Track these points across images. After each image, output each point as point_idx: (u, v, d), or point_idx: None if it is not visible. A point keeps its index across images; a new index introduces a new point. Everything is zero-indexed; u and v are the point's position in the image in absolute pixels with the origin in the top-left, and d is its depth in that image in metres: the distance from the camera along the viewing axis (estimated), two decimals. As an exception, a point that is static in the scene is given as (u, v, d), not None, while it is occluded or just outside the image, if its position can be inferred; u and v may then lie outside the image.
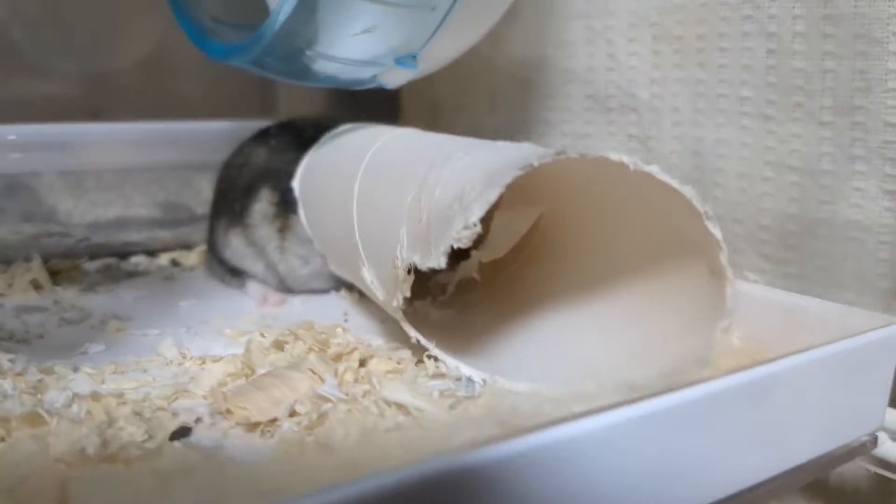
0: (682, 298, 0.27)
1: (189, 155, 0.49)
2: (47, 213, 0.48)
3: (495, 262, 0.34)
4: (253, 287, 0.41)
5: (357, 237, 0.31)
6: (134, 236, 0.49)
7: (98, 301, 0.40)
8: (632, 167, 0.24)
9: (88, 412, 0.23)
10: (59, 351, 0.32)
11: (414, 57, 0.35)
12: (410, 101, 0.59)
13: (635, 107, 0.42)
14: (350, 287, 0.39)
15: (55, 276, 0.45)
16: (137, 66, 0.63)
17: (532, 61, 0.47)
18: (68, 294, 0.42)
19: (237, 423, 0.24)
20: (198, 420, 0.24)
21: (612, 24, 0.42)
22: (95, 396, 0.24)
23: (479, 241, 0.33)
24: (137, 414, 0.23)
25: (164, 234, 0.51)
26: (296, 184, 0.37)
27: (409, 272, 0.27)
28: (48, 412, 0.22)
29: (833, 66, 0.33)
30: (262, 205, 0.39)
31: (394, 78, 0.37)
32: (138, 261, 0.49)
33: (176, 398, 0.25)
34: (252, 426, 0.23)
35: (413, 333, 0.28)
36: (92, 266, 0.47)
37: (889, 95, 0.31)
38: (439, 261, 0.24)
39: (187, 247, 0.51)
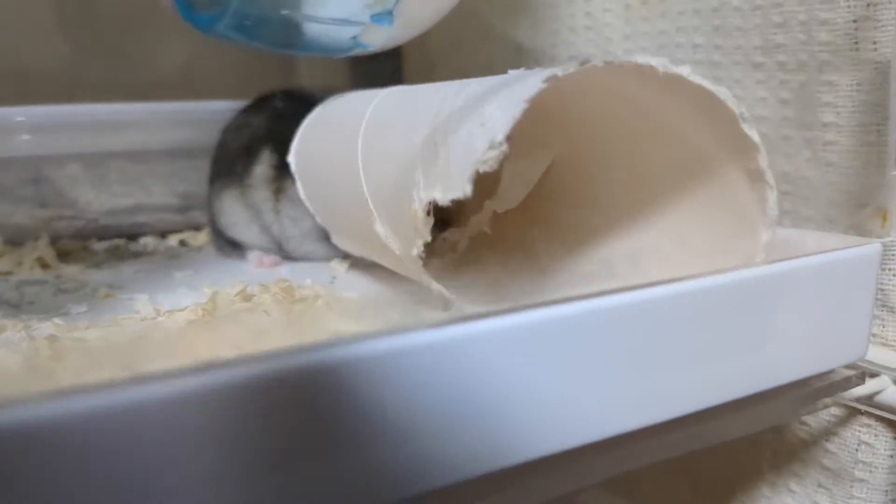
0: (722, 215, 0.26)
1: (208, 136, 0.50)
2: (68, 202, 0.50)
3: (503, 216, 0.33)
4: (252, 253, 0.41)
5: (366, 194, 0.30)
6: (144, 219, 0.51)
7: (98, 275, 0.41)
8: (661, 70, 0.22)
9: (36, 349, 0.24)
10: (45, 313, 0.33)
11: (390, 13, 0.35)
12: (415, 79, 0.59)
13: (614, 64, 0.41)
14: (346, 256, 0.39)
15: (65, 255, 0.46)
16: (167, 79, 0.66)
17: (523, 26, 0.47)
18: (71, 270, 0.43)
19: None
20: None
21: (588, -19, 0.42)
22: (51, 339, 0.25)
23: (490, 192, 0.33)
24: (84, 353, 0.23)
25: (175, 217, 0.52)
26: (291, 155, 0.37)
27: (428, 213, 0.24)
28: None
29: (761, 2, 0.32)
30: (263, 167, 0.39)
31: (374, 37, 0.37)
32: (147, 241, 0.50)
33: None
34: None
35: (434, 285, 0.26)
36: (100, 246, 0.49)
37: (801, 32, 0.30)
38: (464, 189, 0.22)
39: (197, 228, 0.52)
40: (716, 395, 0.23)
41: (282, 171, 0.38)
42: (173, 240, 0.50)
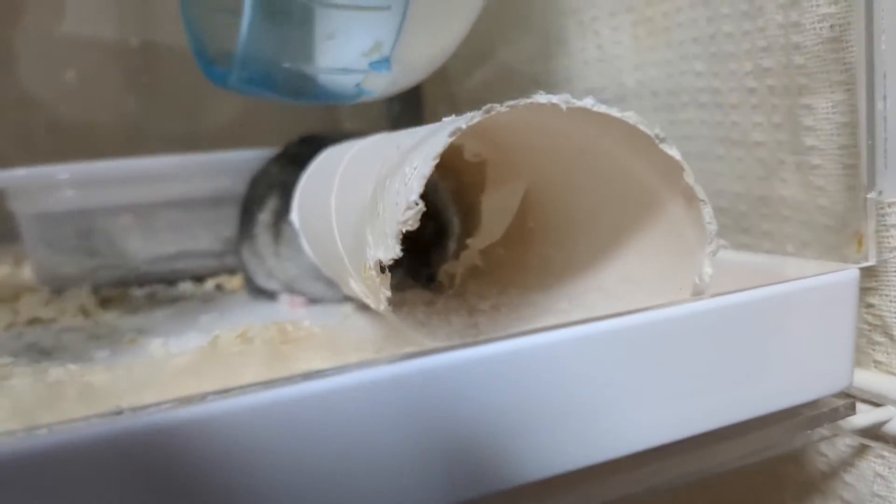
0: (669, 236, 0.26)
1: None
2: (116, 252, 0.53)
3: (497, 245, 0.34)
4: (282, 295, 0.43)
5: (341, 251, 0.31)
6: (182, 265, 0.53)
7: (132, 321, 0.43)
8: (564, 106, 0.23)
9: (30, 393, 0.25)
10: (71, 359, 0.35)
11: (387, 60, 0.36)
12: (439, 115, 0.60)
13: (624, 95, 0.41)
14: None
15: (106, 302, 0.49)
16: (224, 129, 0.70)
17: (538, 60, 0.48)
18: (109, 316, 0.45)
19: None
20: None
21: (596, 14, 0.42)
22: (57, 383, 0.26)
23: (473, 229, 0.34)
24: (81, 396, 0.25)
25: (212, 262, 0.54)
26: (294, 208, 0.38)
27: (382, 270, 0.25)
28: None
29: (749, 28, 0.31)
30: (266, 214, 0.41)
31: (375, 84, 0.38)
32: (185, 287, 0.52)
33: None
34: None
35: (407, 330, 0.27)
36: (140, 293, 0.51)
37: (783, 56, 0.29)
38: (394, 250, 0.23)
39: (232, 272, 0.54)
40: (690, 426, 0.23)
41: (280, 215, 0.39)
42: (210, 284, 0.52)
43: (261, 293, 0.44)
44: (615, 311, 0.22)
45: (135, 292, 0.51)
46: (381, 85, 0.38)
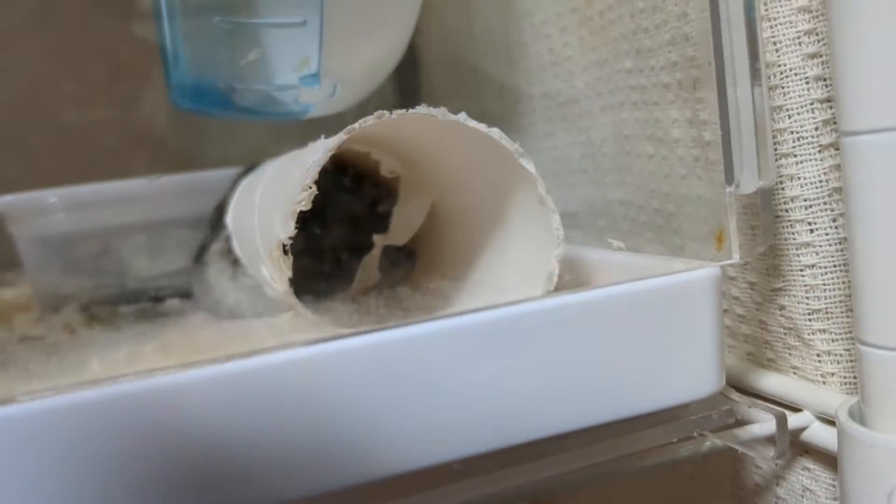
0: (531, 239, 0.28)
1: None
2: (120, 271, 0.55)
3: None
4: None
5: (258, 241, 0.33)
6: (167, 282, 0.54)
7: (109, 338, 0.45)
8: (440, 118, 0.25)
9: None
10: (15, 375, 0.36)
11: (315, 75, 0.36)
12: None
13: (577, 98, 0.40)
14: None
15: (95, 321, 0.50)
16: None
17: (503, 65, 0.47)
18: (92, 333, 0.47)
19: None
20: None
21: (545, 17, 0.41)
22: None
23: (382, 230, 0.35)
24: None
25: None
26: (229, 211, 0.39)
27: (285, 251, 0.28)
28: None
29: (658, 21, 0.30)
30: (219, 243, 0.42)
31: (312, 99, 0.38)
32: (173, 303, 0.54)
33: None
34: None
35: (302, 309, 0.29)
36: (128, 310, 0.53)
37: (685, 48, 0.28)
38: (289, 228, 0.26)
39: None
40: (545, 426, 0.22)
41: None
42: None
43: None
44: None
45: (122, 309, 0.53)
46: (320, 100, 0.38)
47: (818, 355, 0.27)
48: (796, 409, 0.27)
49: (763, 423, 0.26)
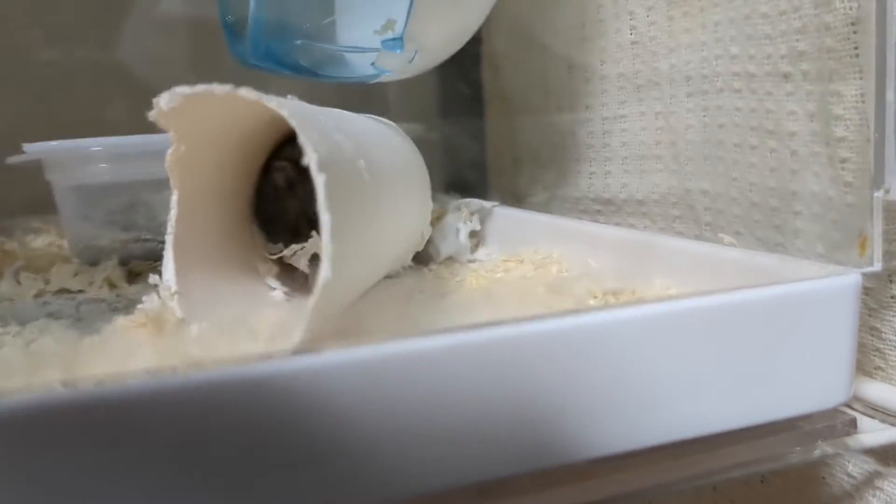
0: None
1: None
2: (150, 227, 0.53)
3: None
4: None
5: None
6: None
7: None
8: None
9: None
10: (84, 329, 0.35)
11: (399, 39, 0.35)
12: (492, 99, 0.59)
13: (658, 81, 0.39)
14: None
15: (135, 276, 0.49)
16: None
17: (574, 42, 0.46)
18: (134, 289, 0.45)
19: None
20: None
21: (631, -7, 0.40)
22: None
23: None
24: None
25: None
26: None
27: None
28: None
29: (785, 7, 0.28)
30: None
31: (390, 64, 0.37)
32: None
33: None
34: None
35: None
36: (168, 268, 0.51)
37: (817, 38, 0.26)
38: None
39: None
40: (665, 432, 0.21)
41: None
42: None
43: None
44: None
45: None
46: (397, 65, 0.37)
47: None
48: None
49: (875, 433, 0.25)
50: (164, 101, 0.22)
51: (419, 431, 0.18)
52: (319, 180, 0.19)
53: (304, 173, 0.23)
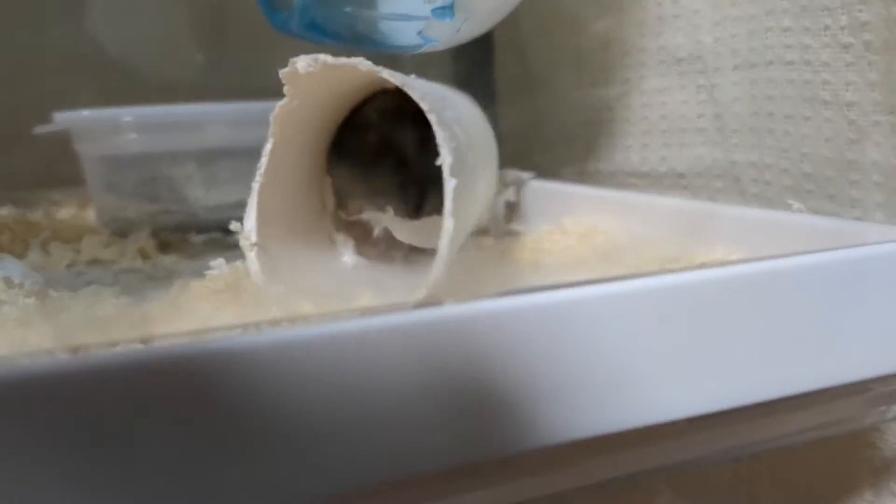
0: None
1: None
2: (178, 198, 0.53)
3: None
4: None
5: None
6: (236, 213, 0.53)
7: (190, 266, 0.44)
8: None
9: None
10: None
11: (450, 7, 0.35)
12: (505, 83, 0.59)
13: (701, 54, 0.39)
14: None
15: (166, 247, 0.49)
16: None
17: (609, 14, 0.46)
18: (167, 260, 0.45)
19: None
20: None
21: (675, -35, 0.40)
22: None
23: None
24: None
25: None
26: None
27: None
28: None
29: None
30: None
31: (438, 33, 0.37)
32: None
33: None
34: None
35: None
36: (198, 239, 0.51)
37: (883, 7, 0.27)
38: None
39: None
40: (745, 394, 0.21)
41: None
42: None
43: None
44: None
45: (193, 238, 0.51)
46: (445, 34, 0.37)
47: None
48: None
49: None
50: (302, 65, 0.23)
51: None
52: (450, 185, 0.20)
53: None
